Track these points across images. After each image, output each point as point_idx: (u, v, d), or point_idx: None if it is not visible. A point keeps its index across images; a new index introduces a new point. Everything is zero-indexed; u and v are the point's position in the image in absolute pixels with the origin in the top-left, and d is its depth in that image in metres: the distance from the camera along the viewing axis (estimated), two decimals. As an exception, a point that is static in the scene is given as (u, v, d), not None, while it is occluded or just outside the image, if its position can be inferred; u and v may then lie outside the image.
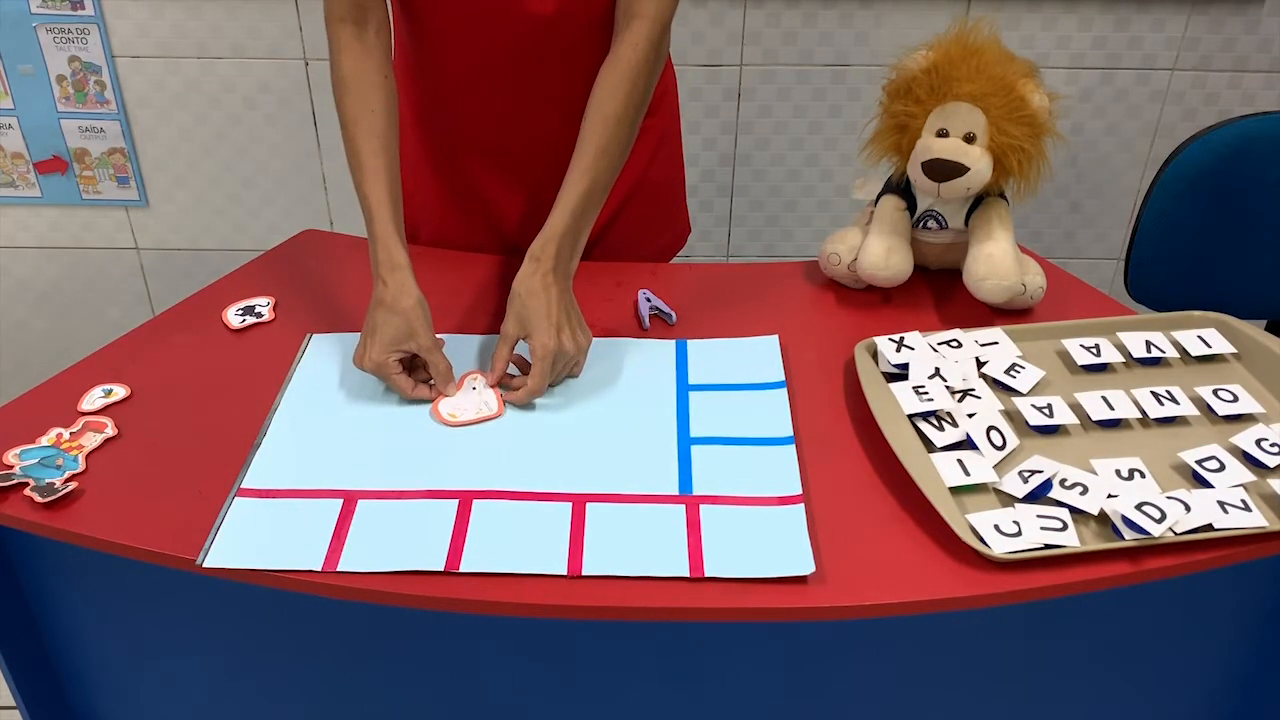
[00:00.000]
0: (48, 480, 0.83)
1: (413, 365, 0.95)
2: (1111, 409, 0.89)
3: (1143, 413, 0.90)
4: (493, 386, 0.94)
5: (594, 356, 0.99)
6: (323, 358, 0.99)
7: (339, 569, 0.76)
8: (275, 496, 0.82)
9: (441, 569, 0.76)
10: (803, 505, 0.81)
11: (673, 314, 1.07)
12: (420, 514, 0.81)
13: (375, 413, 0.92)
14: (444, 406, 0.92)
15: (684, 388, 0.95)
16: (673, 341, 1.02)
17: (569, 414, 0.92)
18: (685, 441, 0.88)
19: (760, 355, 1.00)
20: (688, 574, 0.75)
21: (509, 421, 0.91)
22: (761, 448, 0.88)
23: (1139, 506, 0.78)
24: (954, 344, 0.97)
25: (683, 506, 0.81)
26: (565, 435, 0.89)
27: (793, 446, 0.88)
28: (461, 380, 0.95)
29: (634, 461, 0.86)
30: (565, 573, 0.76)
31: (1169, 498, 0.79)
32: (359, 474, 0.85)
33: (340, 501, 0.82)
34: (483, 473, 0.85)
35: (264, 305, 1.08)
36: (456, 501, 0.82)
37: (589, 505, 0.81)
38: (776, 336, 1.02)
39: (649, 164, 1.22)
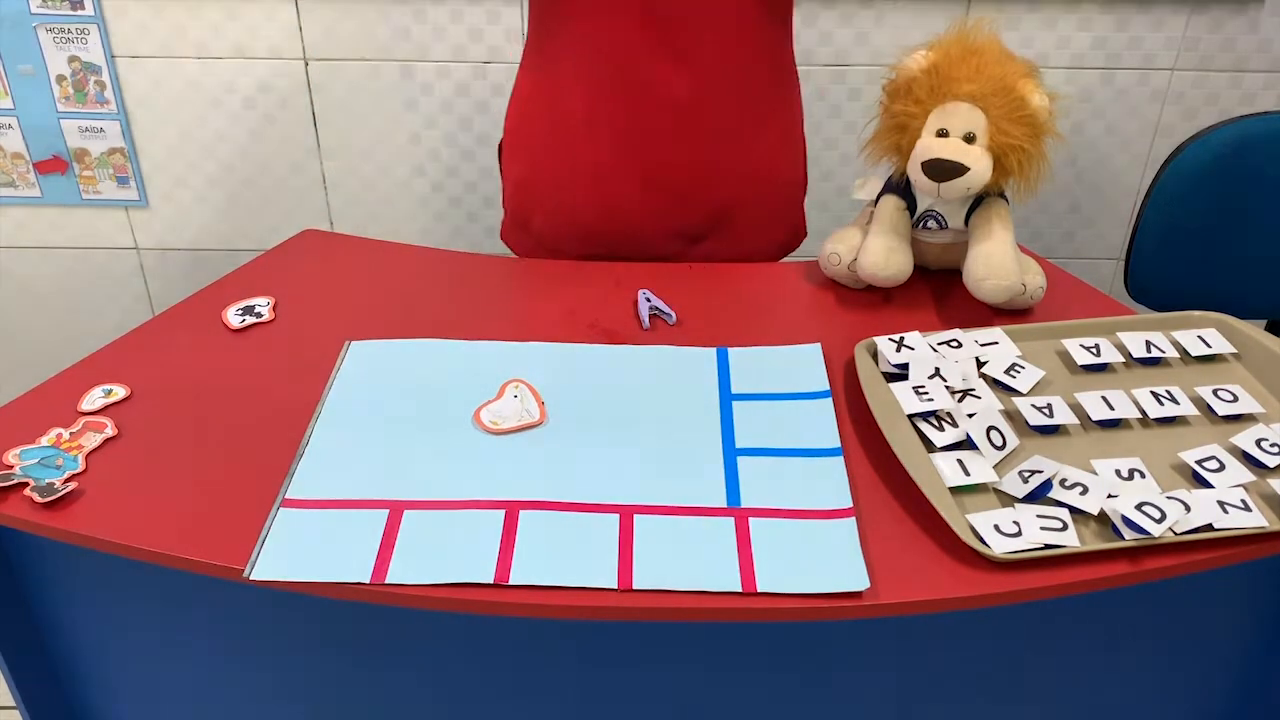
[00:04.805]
0: (47, 480, 0.83)
1: None
2: (1111, 409, 0.89)
3: (1143, 413, 0.90)
4: None
5: (632, 363, 0.99)
6: (362, 365, 0.99)
7: (387, 580, 0.75)
8: (320, 507, 0.82)
9: (491, 581, 0.75)
10: (854, 519, 0.80)
11: (673, 314, 1.07)
12: (467, 524, 0.80)
13: (417, 420, 0.91)
14: (486, 414, 0.91)
15: (727, 397, 0.94)
16: (713, 349, 1.01)
17: (612, 422, 0.91)
18: (731, 452, 0.87)
19: (803, 364, 0.99)
20: (740, 589, 0.74)
21: (552, 429, 0.90)
22: (809, 459, 0.87)
23: (1139, 506, 0.78)
24: (954, 344, 0.97)
25: (732, 519, 0.80)
26: (609, 444, 0.88)
27: (841, 458, 0.87)
28: (503, 388, 0.95)
29: (680, 472, 0.85)
30: (616, 586, 0.75)
31: (1169, 498, 0.79)
32: (404, 484, 0.84)
33: (386, 512, 0.81)
34: (528, 482, 0.84)
35: (264, 305, 1.08)
36: (503, 512, 0.81)
37: (637, 517, 0.81)
38: (819, 345, 1.01)
39: (772, 157, 1.23)
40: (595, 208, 1.21)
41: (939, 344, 0.97)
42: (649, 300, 1.08)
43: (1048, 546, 0.76)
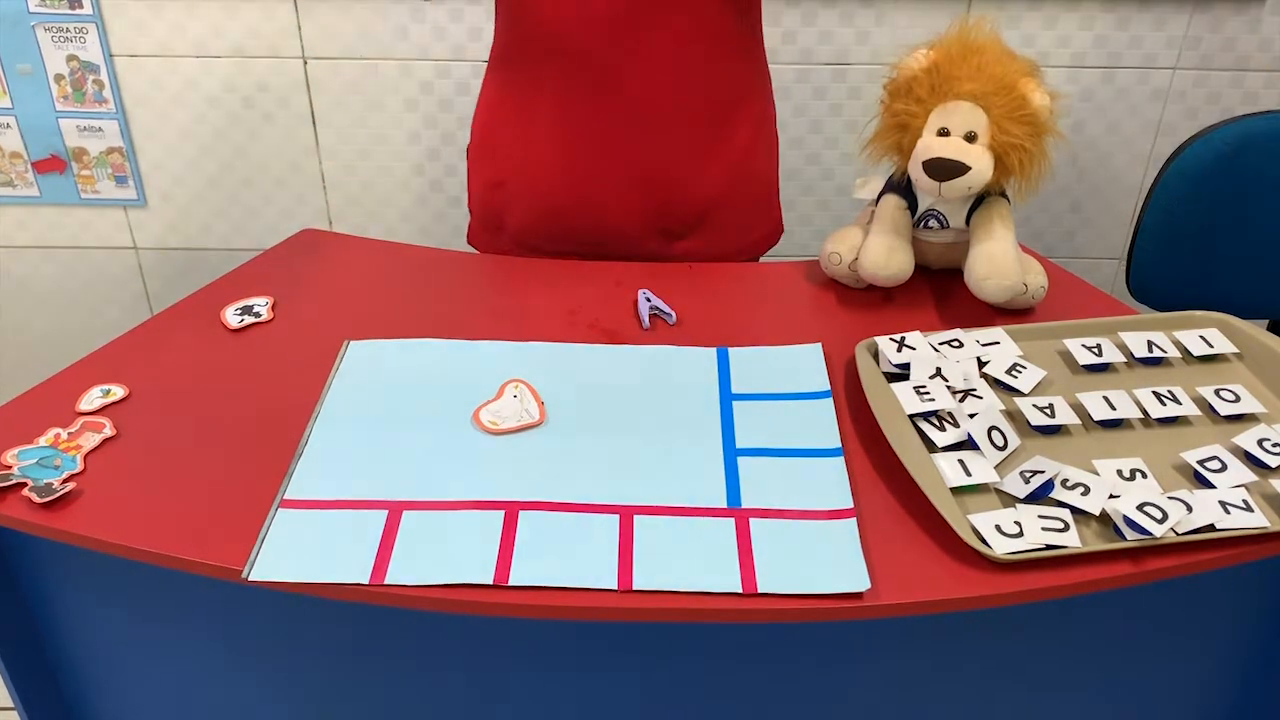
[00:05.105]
0: (46, 480, 0.83)
1: None
2: (1113, 409, 0.89)
3: (1144, 413, 0.89)
4: None
5: (632, 363, 0.99)
6: (361, 365, 0.98)
7: (386, 581, 0.75)
8: (319, 508, 0.82)
9: (490, 582, 0.75)
10: (855, 519, 0.80)
11: (673, 314, 1.06)
12: (466, 525, 0.80)
13: (416, 421, 0.91)
14: (485, 414, 0.91)
15: (727, 397, 0.94)
16: (713, 349, 1.01)
17: (612, 422, 0.91)
18: (731, 452, 0.87)
19: (804, 364, 0.98)
20: (740, 589, 0.74)
21: (551, 429, 0.90)
22: (810, 459, 0.87)
23: (1140, 507, 0.77)
24: (955, 344, 0.97)
25: (732, 520, 0.80)
26: (609, 444, 0.88)
27: (841, 458, 0.86)
28: (503, 388, 0.94)
29: (680, 472, 0.85)
30: (616, 587, 0.75)
31: (1170, 498, 0.79)
32: (403, 484, 0.84)
33: (385, 513, 0.81)
34: (527, 483, 0.84)
35: (262, 305, 1.07)
36: (503, 513, 0.81)
37: (637, 517, 0.80)
38: (820, 345, 1.01)
39: (748, 151, 1.23)
40: (574, 207, 1.21)
41: (940, 344, 0.97)
42: (649, 300, 1.08)
43: (1049, 547, 0.76)
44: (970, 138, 1.01)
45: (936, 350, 0.96)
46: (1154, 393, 0.91)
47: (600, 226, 1.21)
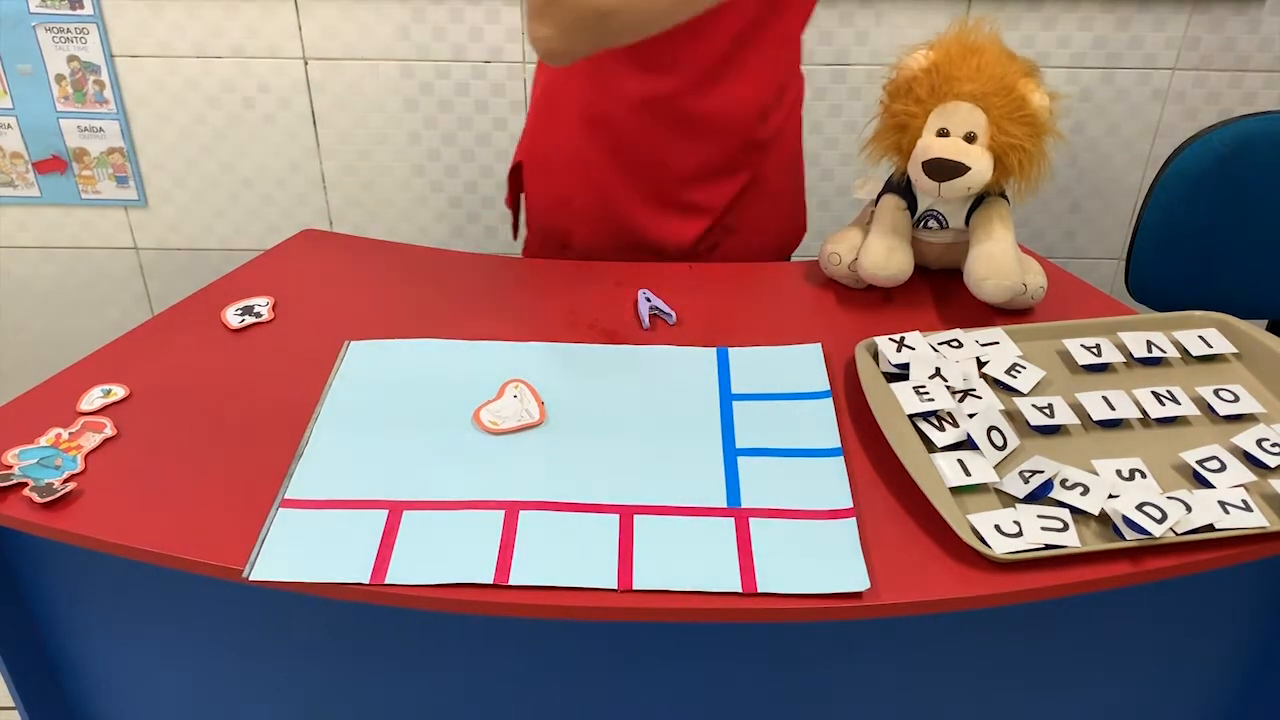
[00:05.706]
0: (46, 480, 0.83)
1: None
2: (1112, 409, 0.89)
3: (1144, 413, 0.90)
4: None
5: (632, 363, 0.99)
6: (362, 365, 0.98)
7: (387, 581, 0.75)
8: (319, 507, 0.82)
9: (491, 581, 0.75)
10: (854, 519, 0.80)
11: (673, 314, 1.06)
12: (467, 525, 0.80)
13: (417, 421, 0.91)
14: (485, 414, 0.91)
15: (727, 397, 0.94)
16: (713, 349, 1.01)
17: (612, 422, 0.91)
18: (731, 452, 0.87)
19: (803, 364, 0.99)
20: (740, 589, 0.74)
21: (551, 430, 0.90)
22: (809, 459, 0.87)
23: (1140, 507, 0.78)
24: (954, 344, 0.97)
25: (732, 519, 0.80)
26: (609, 444, 0.88)
27: (841, 458, 0.87)
28: (503, 388, 0.95)
29: (680, 472, 0.85)
30: (616, 587, 0.75)
31: (1170, 498, 0.79)
32: (403, 484, 0.84)
33: (385, 513, 0.81)
34: (528, 483, 0.84)
35: (263, 305, 1.08)
36: (503, 513, 0.81)
37: (637, 517, 0.81)
38: (819, 345, 1.01)
39: (793, 153, 1.26)
40: (644, 220, 1.21)
41: (940, 344, 0.97)
42: (649, 300, 1.08)
43: (1048, 547, 0.76)
44: (970, 138, 1.01)
45: (936, 350, 0.96)
46: (1153, 393, 0.91)
47: (661, 231, 1.21)
